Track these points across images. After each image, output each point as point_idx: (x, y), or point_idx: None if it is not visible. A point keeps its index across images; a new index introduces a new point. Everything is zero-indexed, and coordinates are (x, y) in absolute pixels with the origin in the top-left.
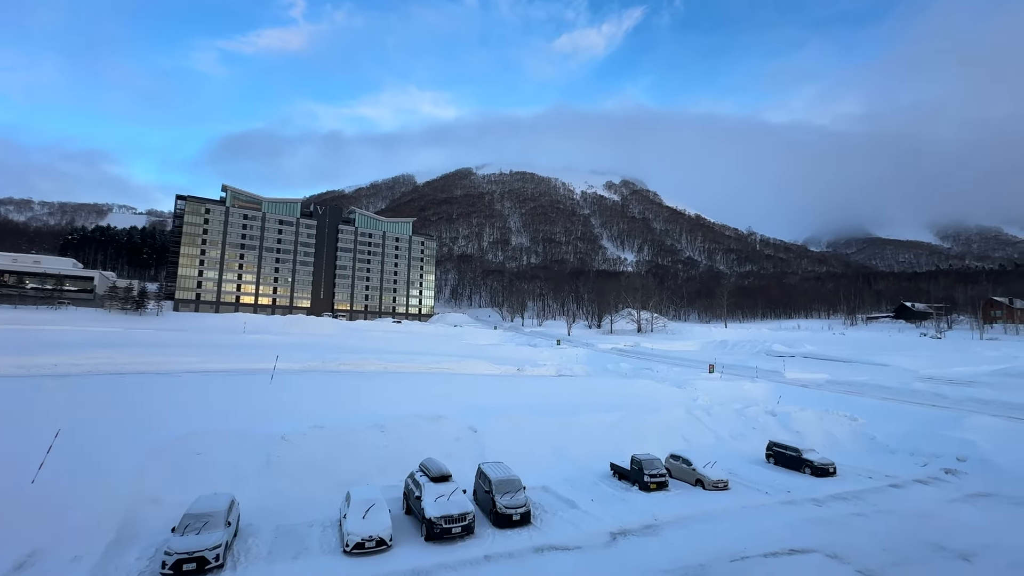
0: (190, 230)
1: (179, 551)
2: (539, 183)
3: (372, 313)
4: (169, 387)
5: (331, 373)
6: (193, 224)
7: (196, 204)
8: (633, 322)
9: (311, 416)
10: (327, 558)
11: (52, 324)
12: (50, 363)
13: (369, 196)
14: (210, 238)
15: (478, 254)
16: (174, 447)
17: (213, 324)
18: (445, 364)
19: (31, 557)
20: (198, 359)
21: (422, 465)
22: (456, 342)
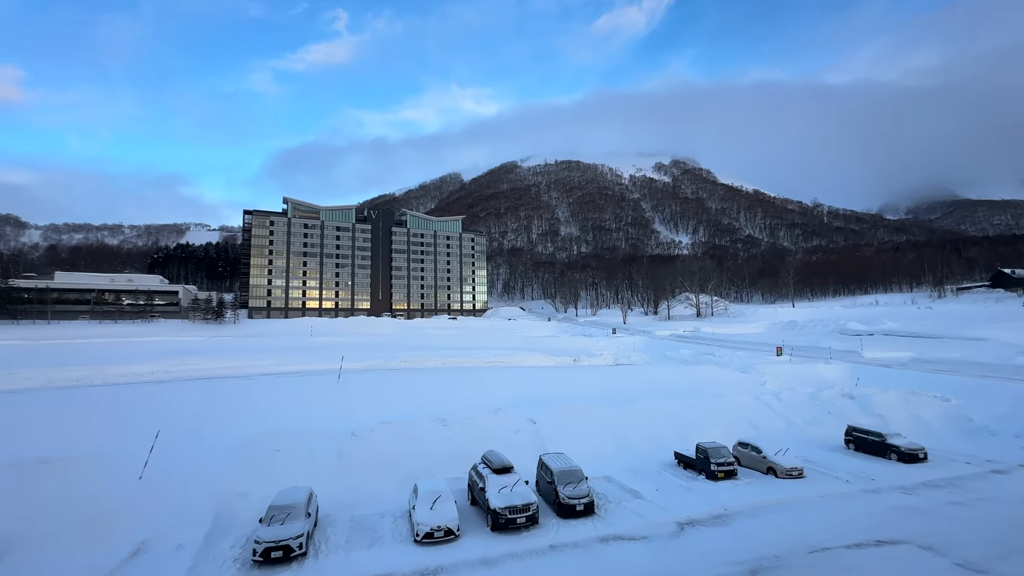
0: (257, 242)
1: (267, 540)
2: (585, 171)
3: (428, 311)
4: (248, 389)
5: (393, 371)
6: (260, 236)
7: (261, 217)
8: (691, 307)
9: (377, 412)
10: (399, 547)
11: (146, 336)
12: (147, 371)
13: (419, 197)
14: (276, 248)
15: (528, 247)
16: (256, 444)
17: (283, 329)
18: (501, 358)
19: (143, 545)
20: (272, 362)
21: (484, 457)
22: (511, 335)
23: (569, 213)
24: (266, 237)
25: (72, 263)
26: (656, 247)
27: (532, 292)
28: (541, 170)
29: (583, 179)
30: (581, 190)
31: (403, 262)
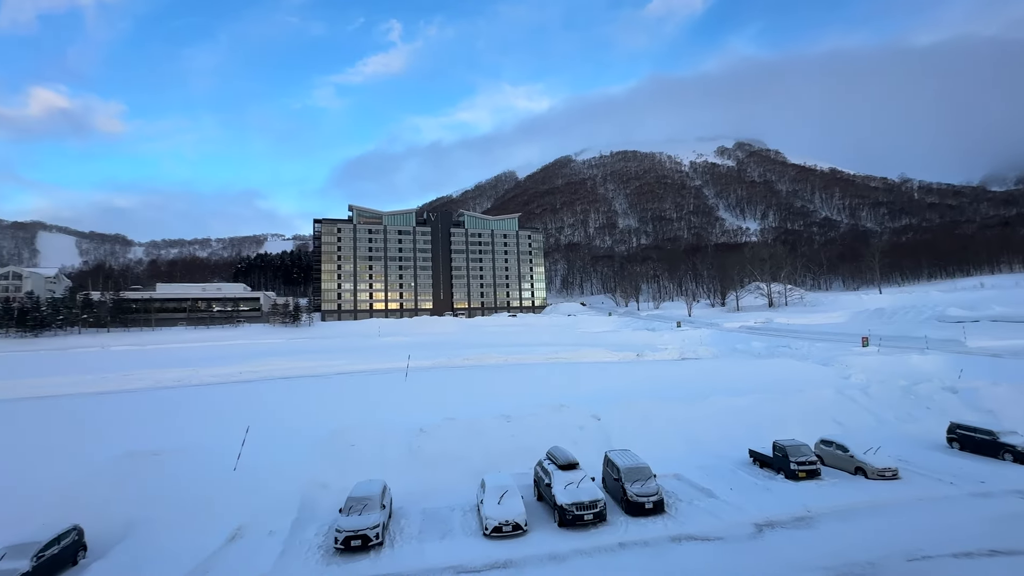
0: (327, 248)
1: (347, 529)
2: (642, 160)
3: (488, 309)
4: (324, 387)
5: (456, 368)
6: (329, 243)
7: (329, 225)
8: (763, 296)
9: (443, 409)
10: (469, 540)
11: (234, 339)
12: (236, 371)
13: (475, 197)
14: (343, 254)
15: (585, 241)
16: (333, 439)
17: (353, 330)
18: (562, 354)
19: (239, 530)
20: (344, 362)
21: (549, 453)
22: (571, 331)
23: (627, 204)
24: (334, 244)
25: (170, 275)
26: (721, 235)
27: (591, 287)
28: (596, 162)
29: (640, 169)
30: (639, 180)
31: (462, 262)
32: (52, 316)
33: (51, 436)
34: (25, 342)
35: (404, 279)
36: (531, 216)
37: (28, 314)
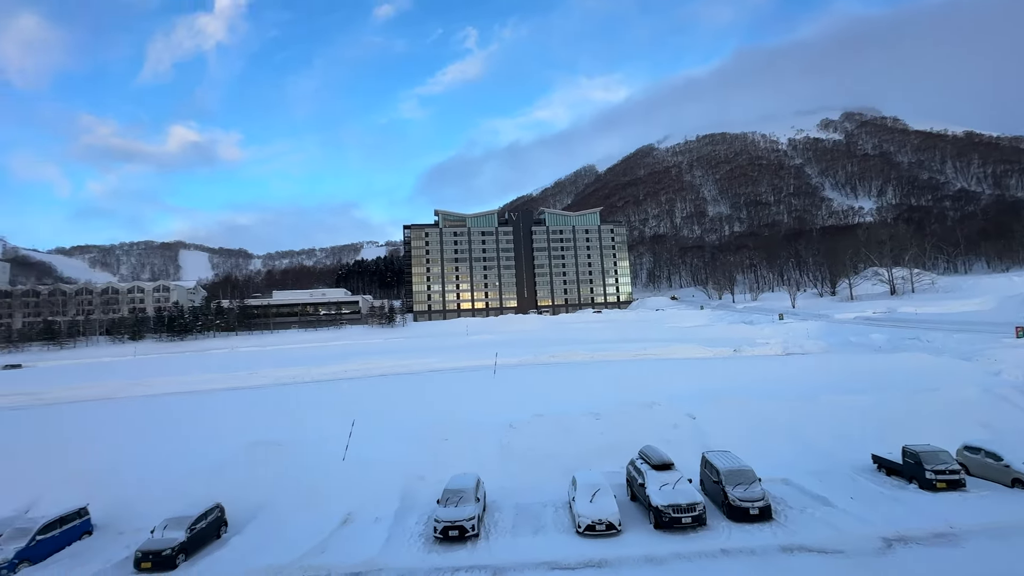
0: (416, 252)
1: (445, 520)
2: (732, 142)
3: (572, 306)
4: (418, 384)
5: (543, 365)
6: (417, 247)
7: (418, 230)
8: (883, 283)
9: (531, 406)
10: (562, 536)
11: (339, 340)
12: (341, 369)
13: (555, 194)
14: (431, 257)
15: (672, 232)
16: (428, 433)
17: (443, 329)
18: (652, 350)
19: (349, 516)
20: (435, 359)
21: (642, 452)
22: (660, 326)
23: (717, 191)
24: (423, 248)
25: (283, 283)
26: (828, 217)
27: (680, 280)
28: (681, 149)
29: (730, 152)
30: (729, 164)
31: (544, 259)
32: (193, 322)
33: (196, 426)
34: (173, 344)
35: (489, 279)
36: (613, 209)
37: (175, 321)
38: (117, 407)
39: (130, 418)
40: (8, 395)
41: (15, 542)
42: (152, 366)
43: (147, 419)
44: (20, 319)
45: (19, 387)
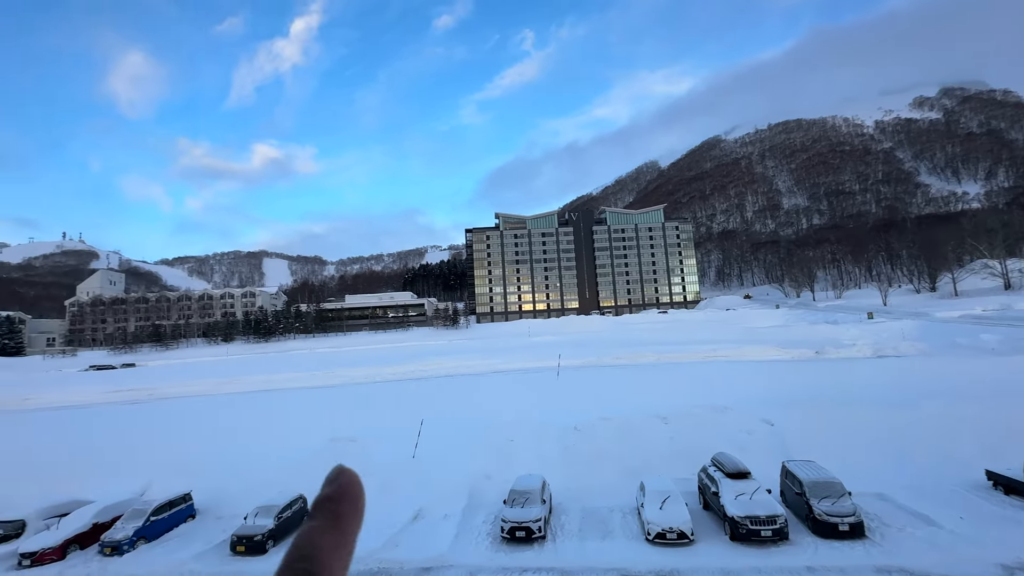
0: (478, 255)
1: (512, 520)
2: (808, 129)
3: (636, 306)
4: (483, 384)
5: (607, 367)
6: (479, 250)
7: (479, 233)
8: (994, 276)
9: (596, 408)
10: (631, 543)
11: (406, 341)
12: (410, 370)
13: (616, 192)
14: (492, 259)
15: (742, 227)
16: (494, 434)
17: (505, 331)
18: (722, 351)
19: (420, 512)
20: (498, 361)
21: (715, 460)
22: (731, 326)
23: (792, 181)
24: (484, 250)
25: (354, 288)
26: (925, 205)
27: (752, 277)
28: (751, 139)
29: (807, 139)
30: (805, 152)
31: (606, 259)
32: (275, 325)
33: (281, 421)
34: (259, 345)
35: (550, 280)
36: (678, 206)
37: (260, 324)
38: (214, 403)
39: (225, 413)
40: (126, 390)
41: (134, 522)
42: (242, 365)
43: (239, 414)
44: (133, 323)
45: (134, 383)
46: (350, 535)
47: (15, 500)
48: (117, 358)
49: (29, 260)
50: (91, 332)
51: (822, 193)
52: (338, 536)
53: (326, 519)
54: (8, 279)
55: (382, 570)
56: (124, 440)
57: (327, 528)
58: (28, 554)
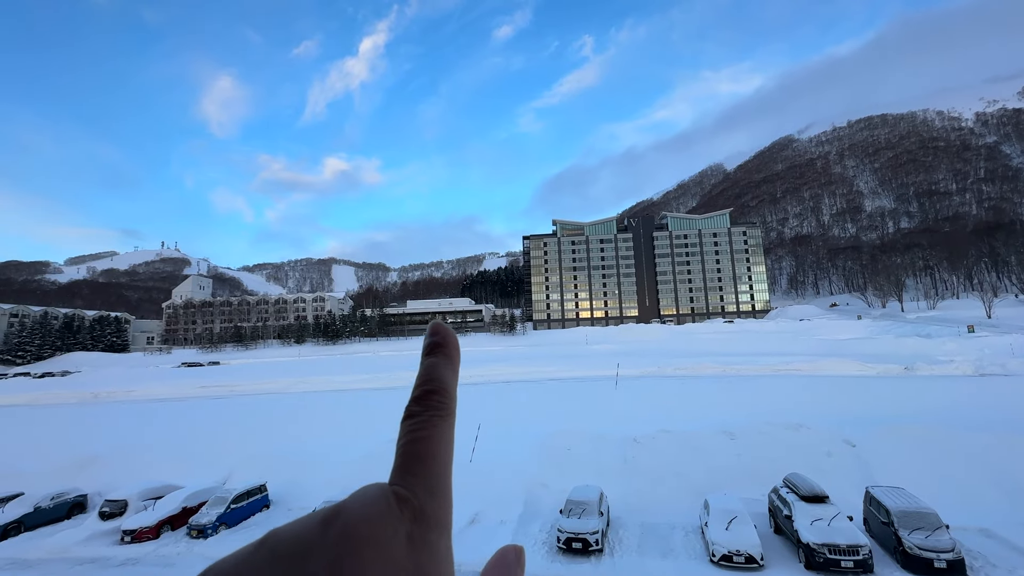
0: (535, 262)
1: (568, 531)
2: (895, 124)
3: (699, 315)
4: (539, 391)
5: (668, 378)
6: (536, 257)
7: (536, 240)
8: None
9: (656, 420)
10: (693, 564)
11: (464, 347)
12: (467, 375)
13: (678, 197)
14: (550, 266)
15: (818, 232)
16: (551, 442)
17: (561, 338)
18: (795, 365)
19: (477, 516)
20: (555, 368)
21: (788, 481)
22: (805, 338)
23: (876, 182)
24: (541, 257)
25: (415, 294)
26: None
27: (829, 286)
28: (827, 137)
29: (892, 136)
30: (891, 150)
31: (667, 266)
32: (342, 328)
33: (347, 420)
34: (327, 348)
35: (608, 287)
36: (745, 210)
37: (328, 327)
38: (287, 401)
39: (296, 411)
40: (212, 386)
41: (217, 508)
42: (312, 366)
43: (309, 413)
44: (219, 324)
45: (218, 380)
46: (457, 367)
47: (120, 482)
48: (204, 356)
49: (134, 267)
50: (183, 332)
51: (911, 194)
52: (452, 366)
53: (441, 356)
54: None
55: None
56: (209, 432)
57: (444, 362)
58: (129, 531)
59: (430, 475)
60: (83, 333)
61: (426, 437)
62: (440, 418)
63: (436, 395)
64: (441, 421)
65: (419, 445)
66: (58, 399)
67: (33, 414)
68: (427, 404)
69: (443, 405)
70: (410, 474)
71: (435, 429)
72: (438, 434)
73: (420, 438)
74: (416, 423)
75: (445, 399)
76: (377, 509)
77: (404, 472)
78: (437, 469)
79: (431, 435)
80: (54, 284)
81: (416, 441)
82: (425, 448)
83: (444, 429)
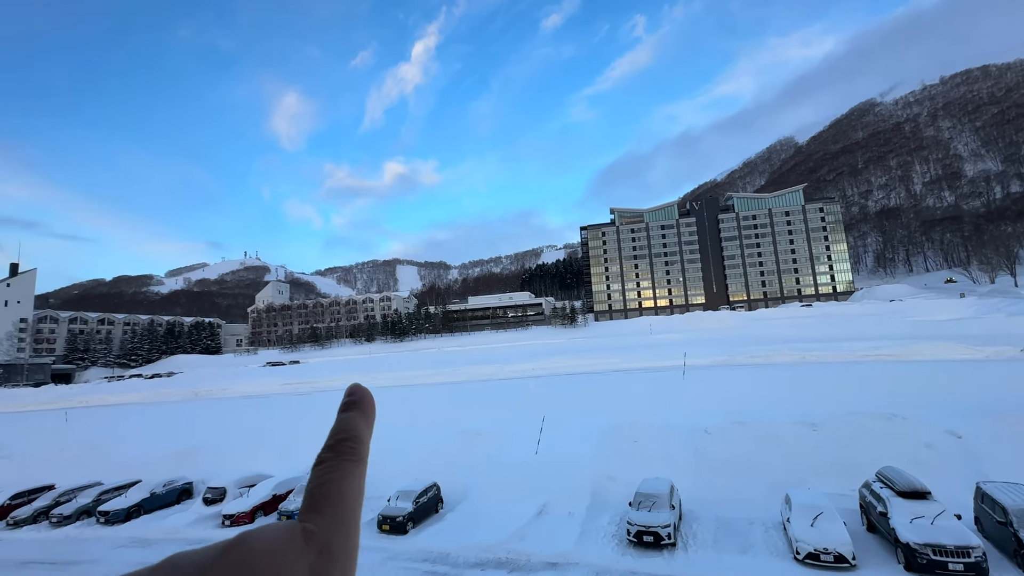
0: (593, 253)
1: (639, 524)
2: (1000, 76)
3: (772, 299)
4: (604, 383)
5: (739, 367)
6: (595, 247)
7: (594, 230)
8: None
9: (728, 411)
10: (776, 561)
11: (526, 340)
12: (529, 368)
13: (743, 176)
14: (609, 256)
15: (908, 203)
16: (617, 434)
17: (624, 329)
18: (884, 350)
19: (544, 507)
20: (618, 359)
21: (881, 475)
22: (896, 320)
23: (978, 142)
24: (600, 247)
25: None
26: None
27: (924, 262)
28: (916, 97)
29: (996, 89)
30: (996, 105)
31: (735, 250)
32: (408, 326)
33: (416, 414)
34: (395, 345)
35: (671, 275)
36: (821, 185)
37: (395, 325)
38: None
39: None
40: (293, 383)
41: (301, 496)
42: (382, 363)
43: (381, 406)
44: (296, 325)
45: (299, 377)
46: (372, 423)
47: (219, 470)
48: (286, 356)
49: (222, 276)
50: (266, 334)
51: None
52: (366, 419)
53: (356, 410)
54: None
55: (510, 560)
56: (292, 425)
57: (358, 415)
58: (228, 515)
59: (338, 513)
60: (183, 338)
61: (336, 479)
62: (351, 462)
63: (348, 442)
64: (352, 465)
65: (329, 487)
66: (165, 397)
67: (146, 411)
68: (339, 451)
69: (354, 451)
70: (317, 512)
71: (345, 472)
72: (348, 477)
73: (329, 480)
74: (326, 467)
75: (357, 446)
76: (280, 540)
77: (311, 510)
78: (345, 508)
79: (341, 477)
80: (157, 295)
81: (325, 483)
82: (335, 489)
83: (354, 472)
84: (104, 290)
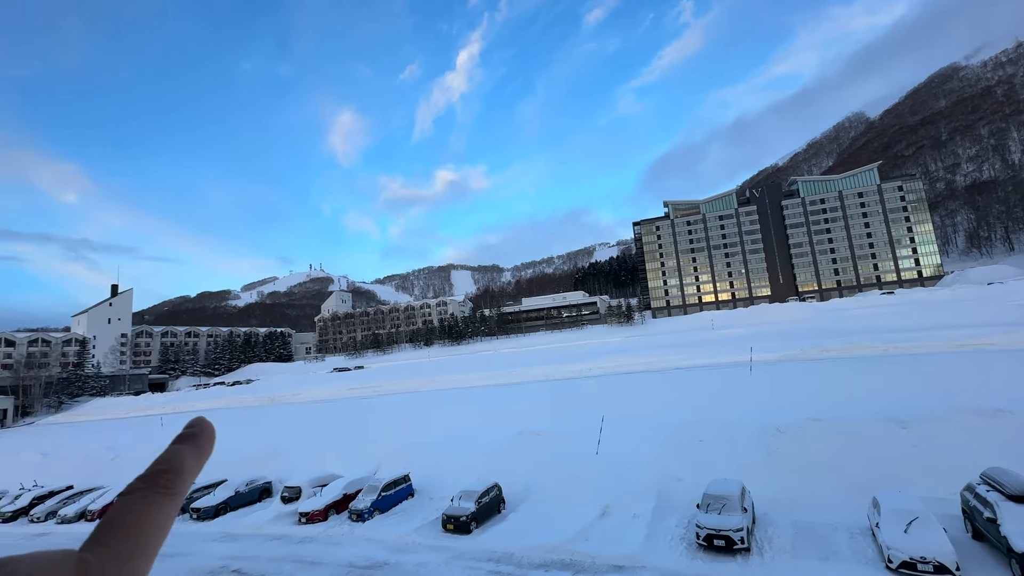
0: (648, 248)
1: (708, 527)
2: None
3: (847, 288)
4: (664, 382)
5: (813, 361)
6: (649, 242)
7: (648, 225)
8: None
9: (802, 407)
10: (866, 570)
11: (581, 340)
12: (586, 368)
13: (808, 158)
14: (664, 250)
15: (1005, 175)
16: (682, 433)
17: (684, 325)
18: (986, 339)
19: (607, 508)
20: (679, 357)
21: (987, 476)
22: (996, 305)
23: None
24: (655, 242)
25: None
26: None
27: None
28: (1009, 57)
29: None
30: None
31: (802, 237)
32: (464, 329)
33: (476, 416)
34: (452, 348)
35: (732, 267)
36: (898, 161)
37: (452, 329)
38: (423, 398)
39: (431, 407)
40: (359, 388)
41: (370, 495)
42: (441, 366)
43: (443, 409)
44: (360, 332)
45: (364, 382)
46: (204, 459)
47: (294, 471)
48: (351, 361)
49: (291, 288)
50: (332, 341)
51: None
52: (197, 456)
53: (189, 443)
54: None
55: (574, 562)
56: (360, 427)
57: (189, 449)
58: (304, 513)
59: (123, 547)
60: (258, 347)
61: (138, 511)
62: (162, 496)
63: (167, 475)
64: (162, 499)
65: (127, 518)
66: (245, 403)
67: (228, 415)
68: (153, 482)
69: (170, 485)
70: (101, 544)
71: (152, 506)
72: (153, 511)
73: (130, 511)
74: (135, 498)
75: (174, 480)
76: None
77: (96, 541)
78: (136, 543)
79: (144, 510)
80: (235, 308)
81: (124, 515)
82: (133, 521)
83: (162, 507)
84: (189, 305)
